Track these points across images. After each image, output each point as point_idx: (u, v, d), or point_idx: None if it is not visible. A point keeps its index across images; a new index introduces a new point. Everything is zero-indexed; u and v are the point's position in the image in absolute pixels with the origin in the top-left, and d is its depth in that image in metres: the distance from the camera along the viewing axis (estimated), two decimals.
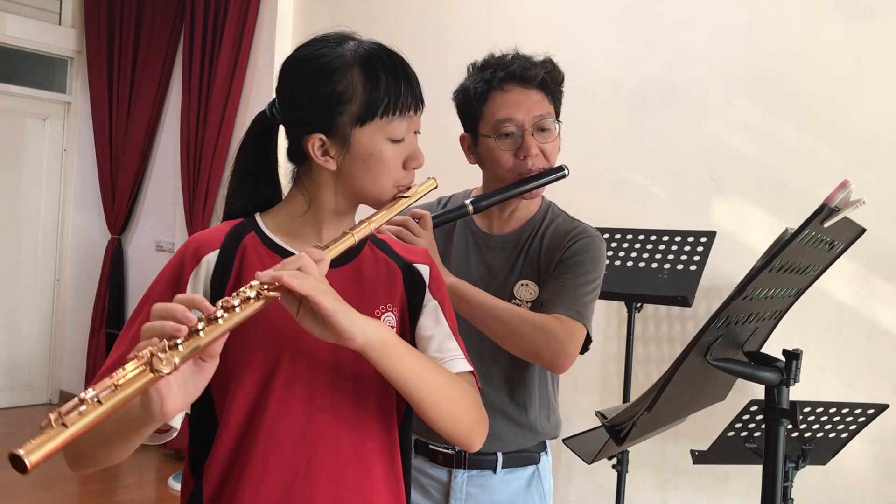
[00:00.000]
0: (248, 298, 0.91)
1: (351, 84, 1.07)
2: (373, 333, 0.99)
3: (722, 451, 2.01)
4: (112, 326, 5.13)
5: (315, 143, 1.09)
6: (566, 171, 1.60)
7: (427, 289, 1.21)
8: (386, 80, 1.08)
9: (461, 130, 1.68)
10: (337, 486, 1.08)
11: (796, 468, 1.96)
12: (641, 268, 2.60)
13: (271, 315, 1.01)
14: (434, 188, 1.21)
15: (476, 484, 1.61)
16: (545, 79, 1.58)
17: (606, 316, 3.01)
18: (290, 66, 1.14)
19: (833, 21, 2.61)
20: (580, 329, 1.50)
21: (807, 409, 1.92)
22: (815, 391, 2.52)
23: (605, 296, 2.63)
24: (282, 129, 1.17)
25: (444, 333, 1.18)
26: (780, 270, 1.04)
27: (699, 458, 2.06)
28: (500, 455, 1.61)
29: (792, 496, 1.97)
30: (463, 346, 1.20)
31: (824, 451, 2.08)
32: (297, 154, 1.14)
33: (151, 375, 0.82)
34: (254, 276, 0.96)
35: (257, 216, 1.16)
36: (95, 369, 5.09)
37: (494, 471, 1.61)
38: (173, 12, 4.86)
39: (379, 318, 1.13)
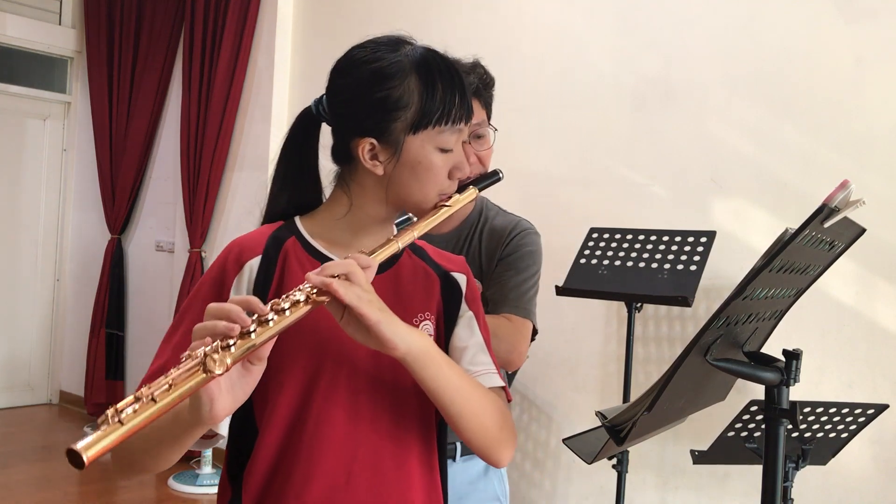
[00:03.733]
0: (298, 302, 0.91)
1: (407, 91, 1.07)
2: (415, 343, 1.00)
3: (722, 451, 2.01)
4: (112, 326, 5.13)
5: (365, 146, 1.08)
6: (501, 175, 1.63)
7: (463, 298, 1.21)
8: (442, 89, 1.08)
9: None
10: (378, 494, 1.08)
11: (796, 468, 1.96)
12: (641, 268, 2.60)
13: (314, 322, 1.01)
14: (474, 198, 1.21)
15: None
16: (478, 86, 1.62)
17: (606, 316, 3.01)
18: (343, 66, 1.13)
19: (833, 21, 2.61)
20: (528, 326, 1.58)
21: (807, 409, 1.92)
22: (815, 391, 2.52)
23: (605, 296, 2.64)
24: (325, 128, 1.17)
25: (478, 346, 1.18)
26: (780, 270, 1.04)
27: (699, 458, 2.06)
28: (458, 444, 1.67)
29: (792, 496, 1.97)
30: (495, 359, 1.20)
31: (824, 451, 2.07)
32: (344, 155, 1.13)
33: (204, 376, 0.83)
34: (296, 282, 0.97)
35: (297, 220, 1.16)
36: (95, 369, 5.09)
37: (454, 459, 1.67)
38: (173, 12, 4.86)
39: (417, 325, 1.13)
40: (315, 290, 0.93)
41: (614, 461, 2.59)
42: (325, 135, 1.18)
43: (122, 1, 5.16)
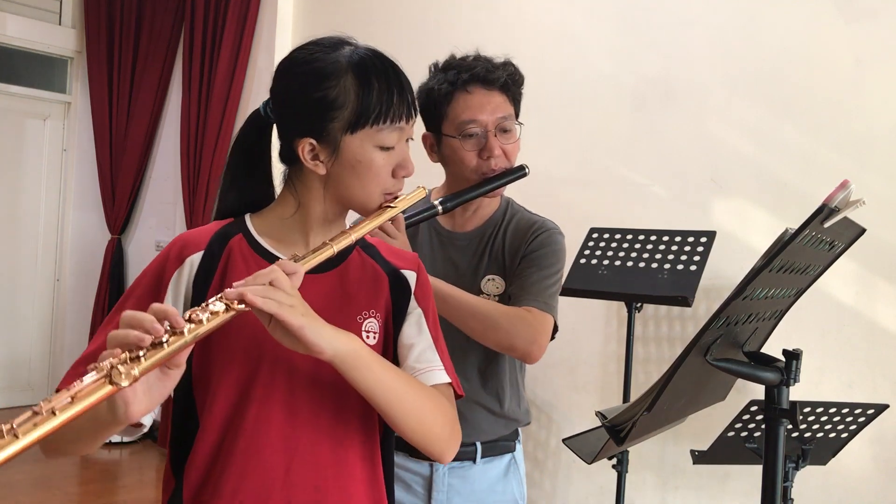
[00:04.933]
0: (217, 312, 0.91)
1: (344, 90, 1.07)
2: (342, 346, 1.00)
3: (722, 451, 2.01)
4: None
5: (305, 146, 1.09)
6: (527, 171, 1.66)
7: (413, 295, 1.21)
8: (378, 88, 1.08)
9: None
10: (316, 491, 1.08)
11: (796, 468, 1.96)
12: (641, 268, 2.60)
13: (252, 321, 1.00)
14: (423, 197, 1.21)
15: (457, 475, 1.66)
16: (507, 81, 1.63)
17: (606, 316, 3.01)
18: (284, 68, 1.14)
19: (833, 21, 2.61)
20: (549, 320, 1.58)
21: (807, 409, 1.92)
22: (815, 391, 2.52)
23: (605, 296, 2.64)
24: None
25: (425, 343, 1.18)
26: (780, 270, 1.04)
27: (699, 458, 2.06)
28: (478, 445, 1.67)
29: (792, 496, 1.97)
30: (447, 356, 1.20)
31: (824, 451, 2.07)
32: (289, 156, 1.14)
33: (110, 387, 0.83)
34: (238, 278, 0.97)
35: (247, 217, 1.16)
36: None
37: (474, 461, 1.67)
38: (173, 12, 4.86)
39: (361, 324, 1.13)
40: (233, 301, 0.93)
41: (614, 461, 2.59)
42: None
43: (122, 1, 5.16)
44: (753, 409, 1.91)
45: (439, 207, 1.60)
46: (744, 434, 1.97)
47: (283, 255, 1.11)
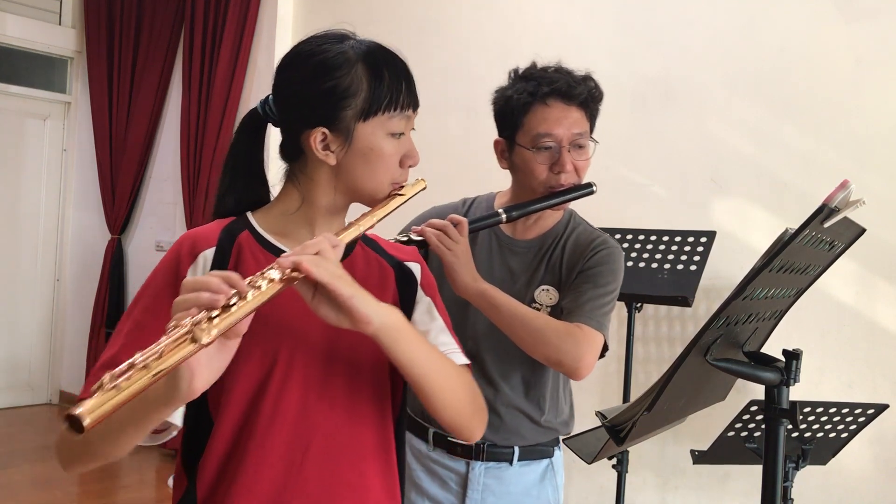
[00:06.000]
0: (273, 279, 0.91)
1: (356, 79, 1.08)
2: (387, 318, 1.00)
3: (722, 451, 2.01)
4: (112, 326, 5.13)
5: (317, 136, 1.09)
6: (594, 188, 1.64)
7: (419, 286, 1.22)
8: (389, 77, 1.10)
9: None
10: (331, 478, 1.08)
11: (796, 468, 1.96)
12: (641, 268, 2.60)
13: (267, 311, 1.00)
14: (423, 189, 1.21)
15: (493, 475, 1.66)
16: (587, 98, 1.62)
17: None
18: (289, 62, 1.14)
19: (833, 21, 2.61)
20: (599, 339, 1.55)
21: (807, 409, 1.92)
22: (815, 391, 2.52)
23: None
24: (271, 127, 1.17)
25: (438, 328, 1.19)
26: (780, 270, 1.04)
27: (699, 458, 2.06)
28: (516, 448, 1.66)
29: (792, 496, 1.97)
30: (458, 341, 1.21)
31: (824, 451, 2.07)
32: (293, 151, 1.14)
33: (192, 346, 0.82)
34: (249, 274, 0.96)
35: (249, 215, 1.16)
36: None
37: (511, 463, 1.66)
38: (173, 12, 4.86)
39: None
40: (287, 269, 0.93)
41: (614, 461, 2.59)
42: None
43: (122, 1, 5.16)
44: (753, 409, 1.91)
45: (503, 216, 1.60)
46: (744, 434, 1.97)
47: (289, 249, 1.11)
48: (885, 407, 2.01)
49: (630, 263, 2.61)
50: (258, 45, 4.42)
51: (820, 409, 1.94)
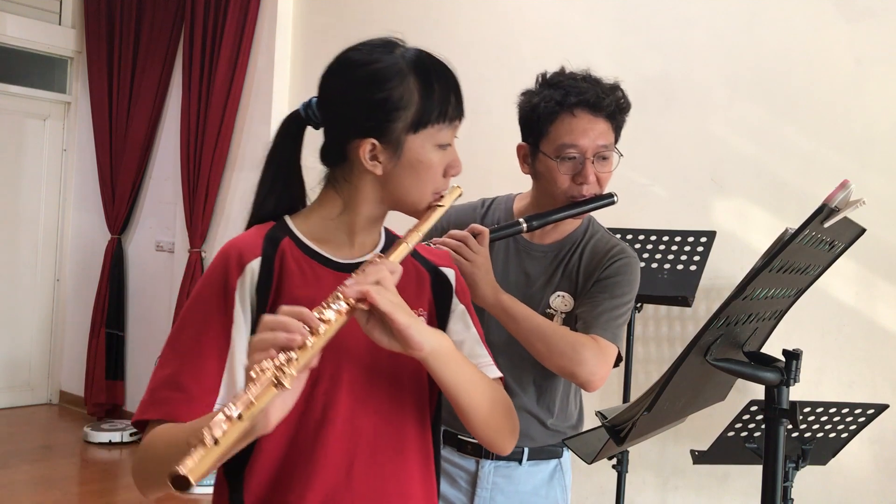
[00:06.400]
0: (339, 311, 0.95)
1: (407, 91, 1.09)
2: (437, 344, 1.04)
3: (722, 451, 2.01)
4: (112, 326, 5.13)
5: (366, 147, 1.09)
6: (615, 199, 1.66)
7: (454, 292, 1.23)
8: (439, 89, 1.11)
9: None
10: (378, 484, 1.10)
11: (796, 468, 1.96)
12: (641, 268, 2.60)
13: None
14: (460, 196, 1.22)
15: (502, 474, 1.68)
16: (615, 109, 1.62)
17: None
18: (338, 69, 1.13)
19: (833, 21, 2.61)
20: (613, 350, 1.56)
21: (807, 409, 1.92)
22: (815, 391, 2.52)
23: None
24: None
25: (473, 339, 1.21)
26: (780, 270, 1.04)
27: (699, 458, 2.06)
28: (526, 448, 1.68)
29: (792, 496, 1.97)
30: (490, 351, 1.23)
31: (824, 451, 2.07)
32: (336, 156, 1.14)
33: (275, 391, 0.86)
34: (293, 281, 1.01)
35: (287, 219, 1.16)
36: (95, 369, 5.09)
37: (520, 462, 1.68)
38: (173, 12, 4.86)
39: None
40: (353, 299, 0.96)
41: (614, 461, 2.59)
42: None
43: (122, 1, 5.15)
44: (753, 409, 1.91)
45: (524, 225, 1.59)
46: (744, 434, 1.97)
47: (330, 255, 1.13)
48: (885, 407, 2.01)
49: None
50: (258, 45, 4.42)
51: (820, 409, 1.94)
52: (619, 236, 2.64)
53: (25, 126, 5.44)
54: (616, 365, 1.60)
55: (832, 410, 1.96)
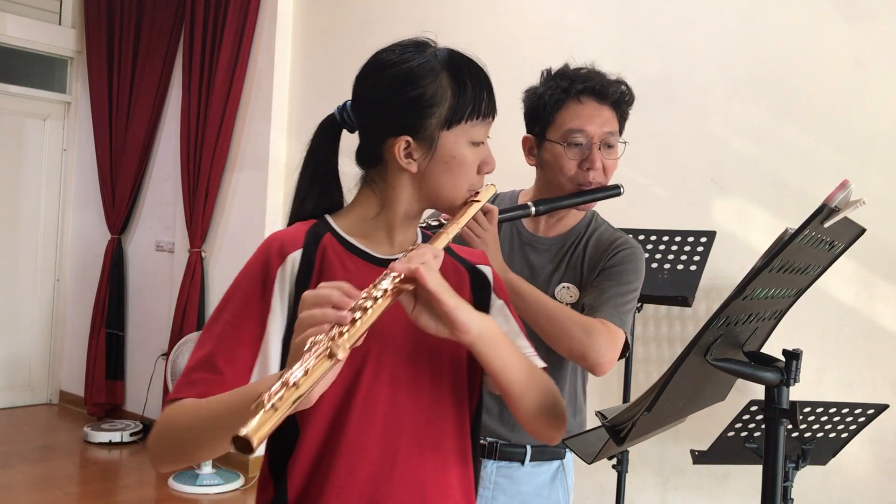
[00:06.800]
0: (386, 290, 0.95)
1: (440, 88, 1.11)
2: (485, 327, 1.04)
3: (722, 451, 2.01)
4: (112, 326, 5.13)
5: (400, 145, 1.11)
6: (622, 190, 1.67)
7: (492, 289, 1.25)
8: (472, 86, 1.13)
9: None
10: (419, 475, 1.11)
11: (796, 468, 1.96)
12: None
13: None
14: (495, 193, 1.24)
15: (504, 474, 1.68)
16: (619, 98, 1.65)
17: None
18: (372, 70, 1.15)
19: (833, 21, 2.61)
20: (621, 335, 1.57)
21: (807, 409, 1.92)
22: (815, 391, 2.52)
23: None
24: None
25: (514, 332, 1.22)
26: (780, 270, 1.04)
27: (699, 458, 2.06)
28: (528, 448, 1.68)
29: (792, 496, 1.97)
30: (532, 345, 1.24)
31: (824, 451, 2.07)
32: (372, 157, 1.16)
33: (330, 362, 0.86)
34: (335, 275, 1.01)
35: (328, 218, 1.18)
36: (95, 369, 5.09)
37: (523, 463, 1.68)
38: (173, 12, 4.86)
39: None
40: (399, 279, 0.97)
41: (614, 461, 2.59)
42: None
43: (122, 1, 5.15)
44: (753, 409, 1.91)
45: (532, 209, 1.61)
46: (744, 434, 1.97)
47: (371, 251, 1.15)
48: (885, 407, 2.01)
49: None
50: (258, 45, 4.42)
51: (820, 409, 1.94)
52: None
53: (25, 126, 5.44)
54: (623, 354, 1.59)
55: (832, 410, 1.96)
